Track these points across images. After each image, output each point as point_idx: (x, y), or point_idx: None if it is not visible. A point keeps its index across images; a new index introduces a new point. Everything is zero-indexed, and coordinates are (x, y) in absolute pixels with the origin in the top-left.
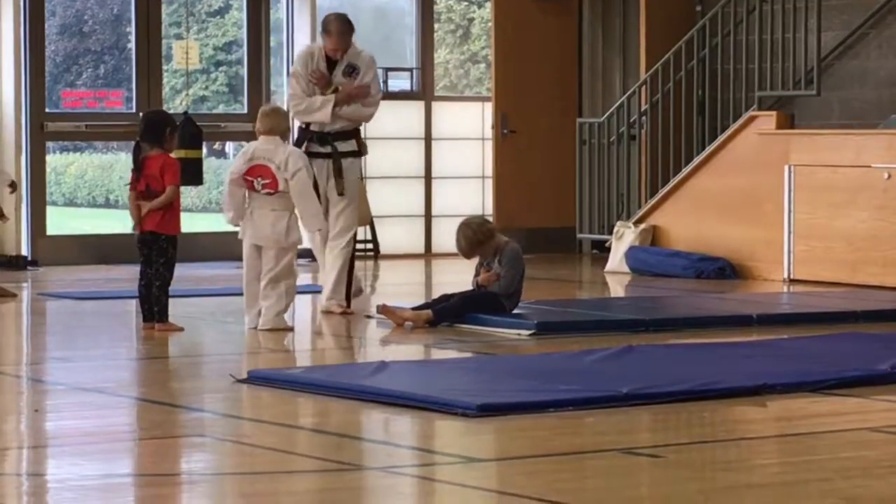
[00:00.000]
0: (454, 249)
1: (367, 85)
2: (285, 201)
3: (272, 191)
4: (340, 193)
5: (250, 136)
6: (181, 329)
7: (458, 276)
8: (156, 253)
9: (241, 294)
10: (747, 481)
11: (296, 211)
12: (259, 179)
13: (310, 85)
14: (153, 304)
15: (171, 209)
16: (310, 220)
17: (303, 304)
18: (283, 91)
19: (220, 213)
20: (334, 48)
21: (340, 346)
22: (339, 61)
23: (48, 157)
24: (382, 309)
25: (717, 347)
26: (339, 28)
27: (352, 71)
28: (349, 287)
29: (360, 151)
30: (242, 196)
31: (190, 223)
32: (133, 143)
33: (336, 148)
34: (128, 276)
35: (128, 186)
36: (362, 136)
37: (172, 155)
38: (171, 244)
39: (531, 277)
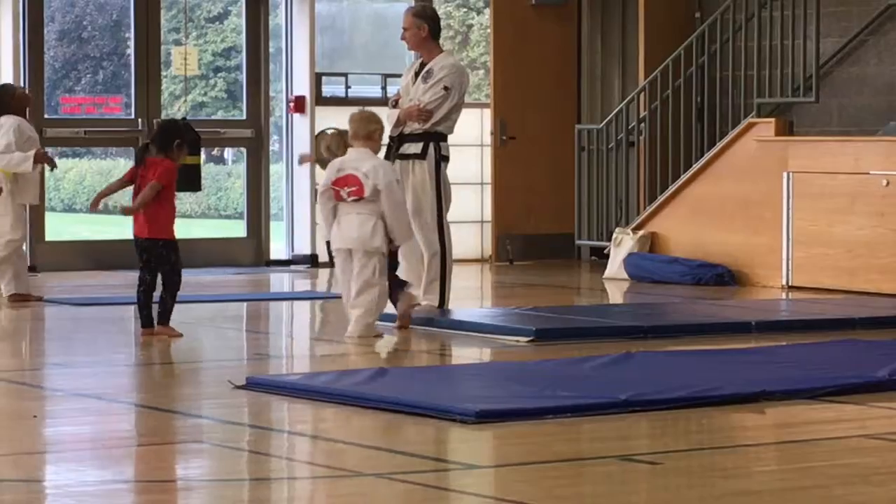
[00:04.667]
0: (455, 255)
1: (427, 110)
2: (372, 207)
3: (358, 197)
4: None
5: (249, 142)
6: (180, 335)
7: (459, 283)
8: (157, 260)
9: (240, 301)
10: (746, 488)
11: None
12: (346, 189)
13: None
14: (160, 306)
15: (162, 213)
16: (402, 232)
17: (302, 309)
18: (282, 98)
19: (219, 220)
20: (402, 37)
21: (339, 352)
22: (426, 65)
23: None
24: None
25: (716, 354)
26: (405, 14)
27: (427, 76)
28: (441, 284)
29: (423, 155)
30: (332, 209)
31: (189, 229)
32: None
33: (398, 149)
34: (126, 281)
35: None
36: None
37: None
38: (170, 248)
39: (530, 284)
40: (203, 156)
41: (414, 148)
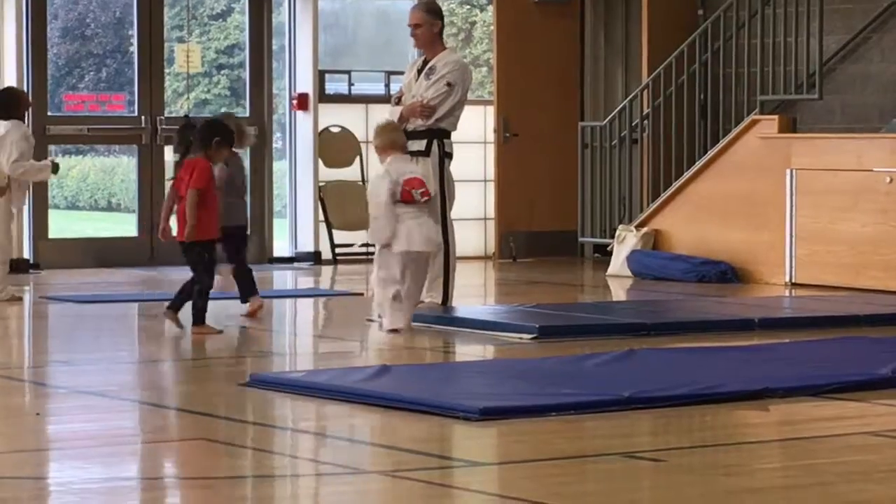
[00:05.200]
0: (458, 252)
1: (430, 106)
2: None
3: (428, 198)
4: None
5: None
6: (219, 332)
7: (463, 280)
8: (194, 259)
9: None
10: (749, 485)
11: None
12: (417, 190)
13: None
14: (192, 307)
15: (202, 216)
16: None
17: (305, 306)
18: (285, 95)
19: None
20: (408, 23)
21: (342, 349)
22: (429, 62)
23: None
24: None
25: (719, 351)
26: (414, 6)
27: (430, 73)
28: (445, 282)
29: (426, 152)
30: (395, 215)
31: None
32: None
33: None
34: (130, 279)
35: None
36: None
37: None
38: (204, 248)
39: (534, 281)
40: None
41: (417, 145)
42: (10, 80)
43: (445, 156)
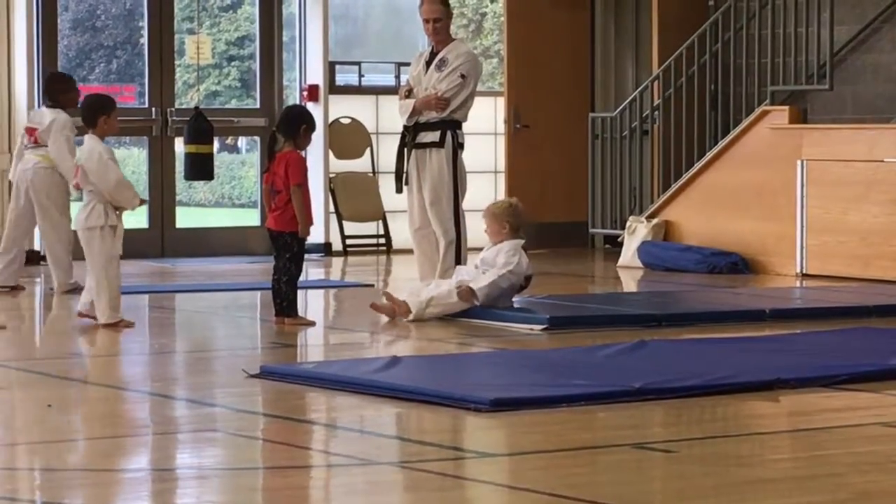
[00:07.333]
0: (470, 243)
1: (445, 99)
2: None
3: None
4: (403, 185)
5: (263, 131)
6: (312, 323)
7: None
8: (281, 248)
9: (254, 289)
10: (760, 476)
11: None
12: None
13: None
14: (283, 299)
15: (291, 207)
16: None
17: (315, 297)
18: (295, 86)
19: (233, 209)
20: (424, 17)
21: (353, 340)
22: (439, 54)
23: None
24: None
25: (730, 342)
26: (431, 4)
27: (441, 65)
28: None
29: (441, 143)
30: None
31: (202, 218)
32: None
33: (414, 139)
34: (138, 270)
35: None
36: (459, 129)
37: (302, 153)
38: (296, 240)
39: (544, 272)
40: (217, 144)
41: (431, 136)
42: (21, 72)
43: (458, 146)
